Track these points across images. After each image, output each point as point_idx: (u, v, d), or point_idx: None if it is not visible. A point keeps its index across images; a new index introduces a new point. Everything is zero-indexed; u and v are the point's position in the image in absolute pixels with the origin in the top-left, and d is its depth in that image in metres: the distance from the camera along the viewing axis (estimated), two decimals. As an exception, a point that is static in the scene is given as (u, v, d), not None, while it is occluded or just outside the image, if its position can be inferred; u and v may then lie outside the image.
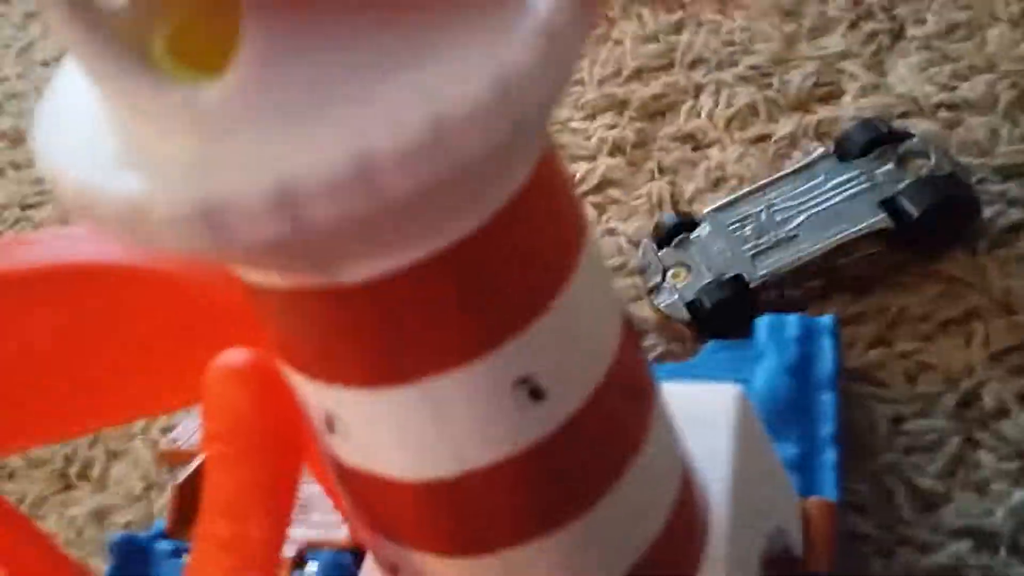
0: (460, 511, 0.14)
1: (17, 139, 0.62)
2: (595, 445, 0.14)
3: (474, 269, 0.12)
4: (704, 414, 0.20)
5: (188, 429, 0.33)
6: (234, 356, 0.14)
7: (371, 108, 0.10)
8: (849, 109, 0.41)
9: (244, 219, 0.10)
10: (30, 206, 0.56)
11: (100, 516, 0.38)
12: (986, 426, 0.30)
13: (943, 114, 0.39)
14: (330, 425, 0.13)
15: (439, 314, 0.12)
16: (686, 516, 0.17)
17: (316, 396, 0.13)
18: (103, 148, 0.11)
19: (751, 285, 0.34)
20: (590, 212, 0.41)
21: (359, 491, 0.14)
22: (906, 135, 0.35)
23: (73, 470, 0.40)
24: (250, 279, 0.12)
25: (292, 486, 0.15)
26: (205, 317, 0.18)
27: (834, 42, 0.44)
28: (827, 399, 0.30)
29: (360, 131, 0.09)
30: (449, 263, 0.11)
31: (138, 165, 0.10)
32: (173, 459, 0.33)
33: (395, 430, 0.13)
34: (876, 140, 0.35)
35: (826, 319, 0.32)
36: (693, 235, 0.36)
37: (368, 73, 0.10)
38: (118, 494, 0.39)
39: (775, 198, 0.36)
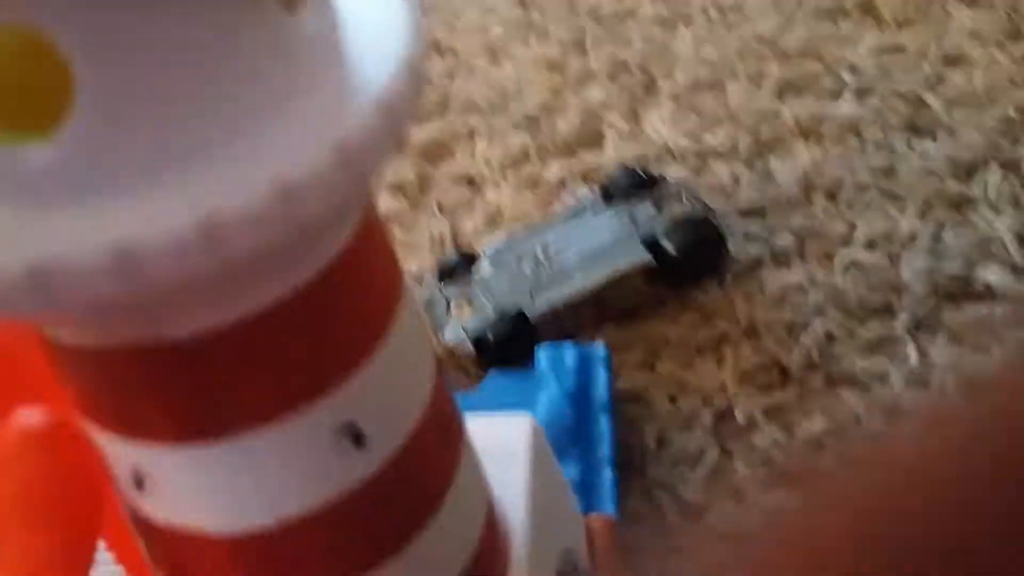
0: (277, 562, 0.13)
1: None
2: (414, 483, 0.14)
3: (299, 323, 0.12)
4: (500, 444, 0.20)
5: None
6: (28, 417, 0.14)
7: (214, 172, 0.10)
8: (610, 155, 0.44)
9: (83, 282, 0.10)
10: None
11: None
12: (740, 438, 0.33)
13: (693, 161, 0.43)
14: (138, 482, 0.13)
15: (260, 368, 0.12)
16: (491, 542, 0.17)
17: (124, 453, 0.13)
18: None
19: (531, 319, 0.36)
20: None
21: (168, 549, 0.14)
22: (662, 180, 0.39)
23: None
24: (57, 337, 0.12)
25: (87, 557, 0.15)
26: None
27: (595, 94, 0.47)
28: (603, 422, 0.32)
29: (204, 194, 0.10)
30: (274, 317, 0.12)
31: None
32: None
33: (208, 485, 0.13)
34: (637, 184, 0.39)
35: (599, 348, 0.35)
36: (474, 272, 0.38)
37: (210, 137, 0.10)
38: None
39: (549, 239, 0.38)
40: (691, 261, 0.36)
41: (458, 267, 0.38)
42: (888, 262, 0.37)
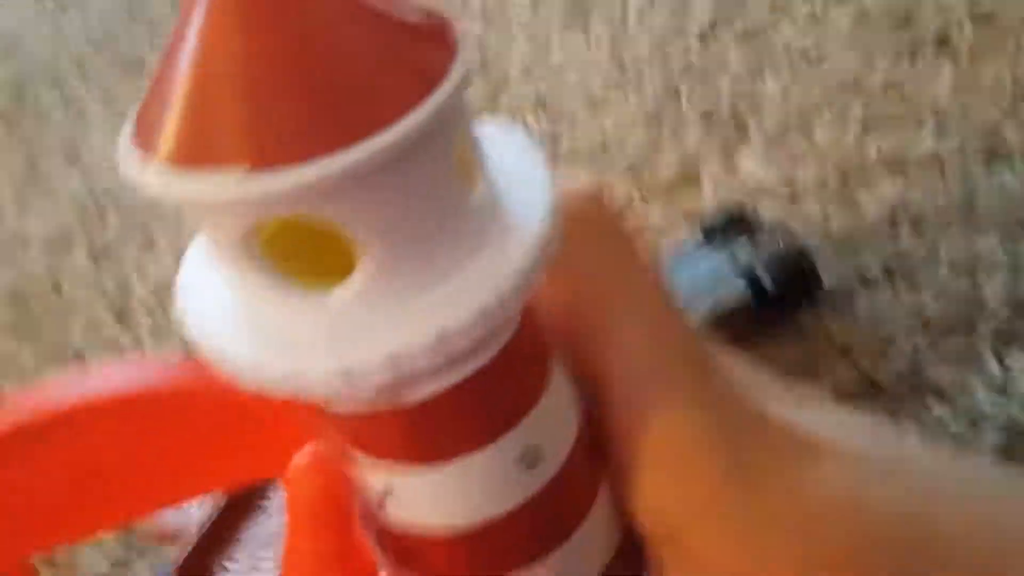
0: (480, 550, 0.18)
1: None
2: (572, 491, 0.19)
3: (490, 385, 0.16)
4: None
5: (167, 514, 0.36)
6: (305, 453, 0.19)
7: (443, 297, 0.15)
8: (709, 197, 0.48)
9: (367, 378, 0.14)
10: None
11: (73, 598, 0.41)
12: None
13: (785, 198, 0.47)
14: (386, 495, 0.18)
15: (468, 414, 0.17)
16: (630, 540, 0.21)
17: (374, 475, 0.17)
18: (258, 333, 0.15)
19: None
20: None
21: (403, 544, 0.18)
22: (757, 219, 0.43)
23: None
24: (327, 407, 0.17)
25: (356, 552, 0.19)
26: (243, 424, 0.24)
27: (691, 140, 0.52)
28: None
29: (438, 314, 0.14)
30: (476, 381, 0.16)
31: (289, 346, 0.15)
32: (165, 539, 0.36)
33: (435, 496, 0.17)
34: (734, 225, 0.43)
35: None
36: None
37: (436, 274, 0.15)
38: (89, 574, 0.43)
39: (657, 275, 0.43)
40: (786, 293, 0.40)
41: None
42: (970, 282, 0.40)
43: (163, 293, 0.54)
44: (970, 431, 0.35)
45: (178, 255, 0.13)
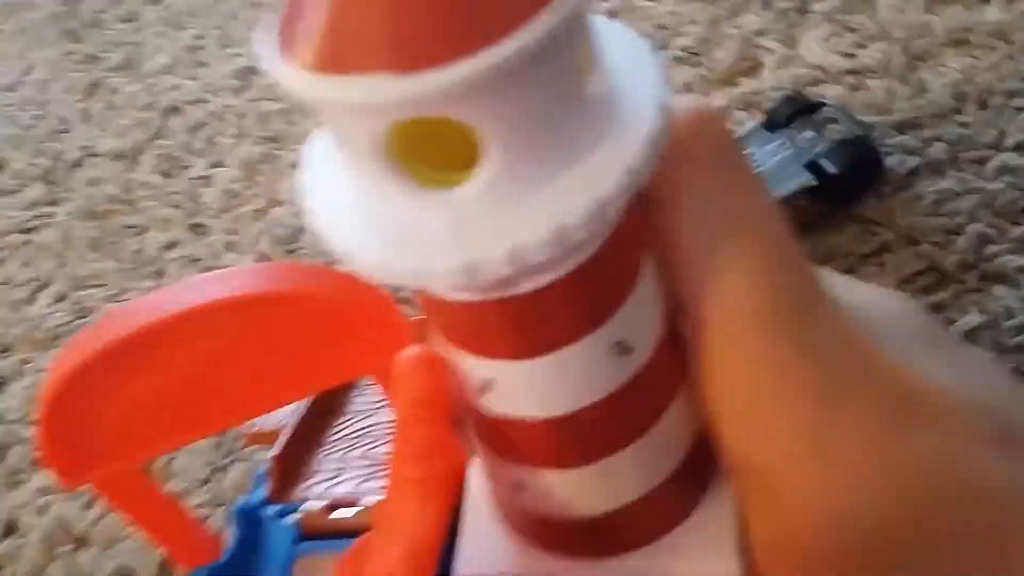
0: (573, 436, 0.19)
1: None
2: (660, 377, 0.20)
3: (592, 277, 0.17)
4: None
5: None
6: (411, 351, 0.20)
7: (561, 192, 0.15)
8: (769, 80, 0.48)
9: (491, 270, 0.15)
10: (27, 230, 0.61)
11: (176, 500, 0.44)
12: (903, 337, 0.38)
13: (848, 80, 0.46)
14: (485, 387, 0.19)
15: (569, 307, 0.17)
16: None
17: (476, 367, 0.19)
18: (385, 230, 0.16)
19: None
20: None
21: (501, 432, 0.20)
22: (820, 104, 0.43)
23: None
24: (438, 296, 0.18)
25: (456, 438, 0.21)
26: (344, 325, 0.25)
27: (751, 21, 0.51)
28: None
29: (556, 209, 0.15)
30: (578, 275, 0.17)
31: (415, 243, 0.16)
32: (261, 439, 0.39)
33: (533, 386, 0.18)
34: (796, 111, 0.43)
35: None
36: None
37: (554, 169, 0.15)
38: (186, 480, 0.46)
39: (719, 167, 0.43)
40: (850, 179, 0.40)
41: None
42: (1039, 164, 0.40)
43: (231, 202, 0.56)
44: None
45: (241, 163, 0.14)
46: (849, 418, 0.18)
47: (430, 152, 0.16)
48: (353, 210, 0.17)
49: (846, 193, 0.41)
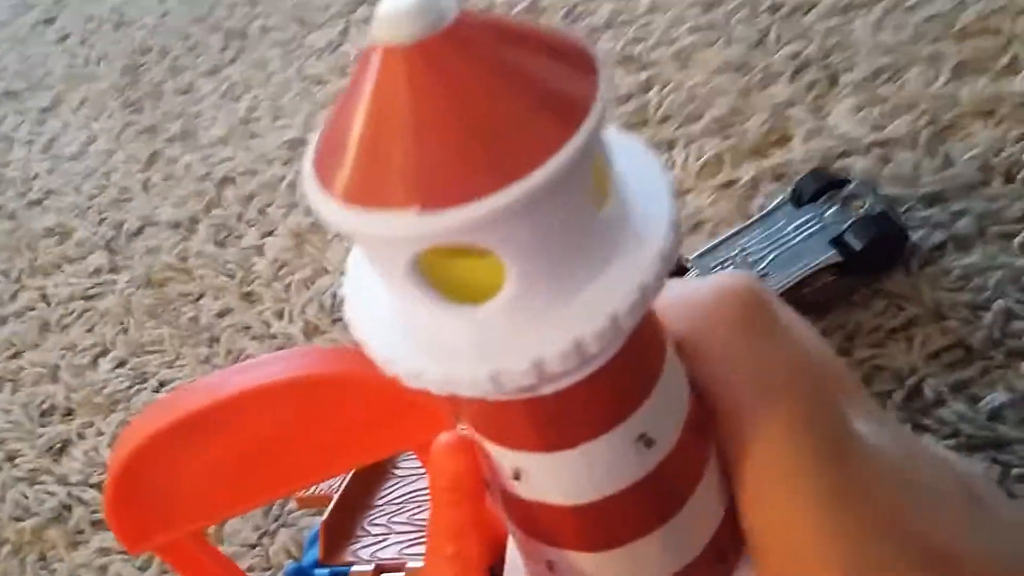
0: (599, 522, 0.20)
1: (64, 235, 0.69)
2: (683, 466, 0.21)
3: (611, 379, 0.18)
4: None
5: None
6: (445, 436, 0.22)
7: (579, 307, 0.16)
8: (798, 152, 0.49)
9: (514, 380, 0.16)
10: (90, 297, 0.64)
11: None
12: (928, 413, 0.38)
13: (876, 152, 0.47)
14: (516, 476, 0.20)
15: (592, 405, 0.19)
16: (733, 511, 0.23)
17: (505, 457, 0.20)
18: (417, 341, 0.17)
19: (735, 318, 0.42)
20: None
21: (531, 516, 0.21)
22: (845, 181, 0.44)
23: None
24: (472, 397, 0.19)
25: (490, 520, 0.22)
26: (389, 405, 0.27)
27: (781, 92, 0.52)
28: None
29: (574, 323, 0.16)
30: (598, 378, 0.18)
31: (444, 353, 0.17)
32: (311, 503, 0.41)
33: (560, 477, 0.20)
34: (822, 187, 0.43)
35: (798, 338, 0.40)
36: (684, 279, 0.44)
37: (571, 286, 0.17)
38: (236, 544, 0.48)
39: (747, 243, 0.44)
40: (874, 255, 0.41)
41: (670, 275, 0.44)
42: (1065, 239, 0.40)
43: (281, 271, 0.58)
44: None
45: (291, 232, 0.16)
46: (875, 569, 0.19)
47: (457, 265, 0.17)
48: (388, 321, 0.18)
49: (871, 269, 0.42)
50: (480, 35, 0.15)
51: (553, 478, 0.20)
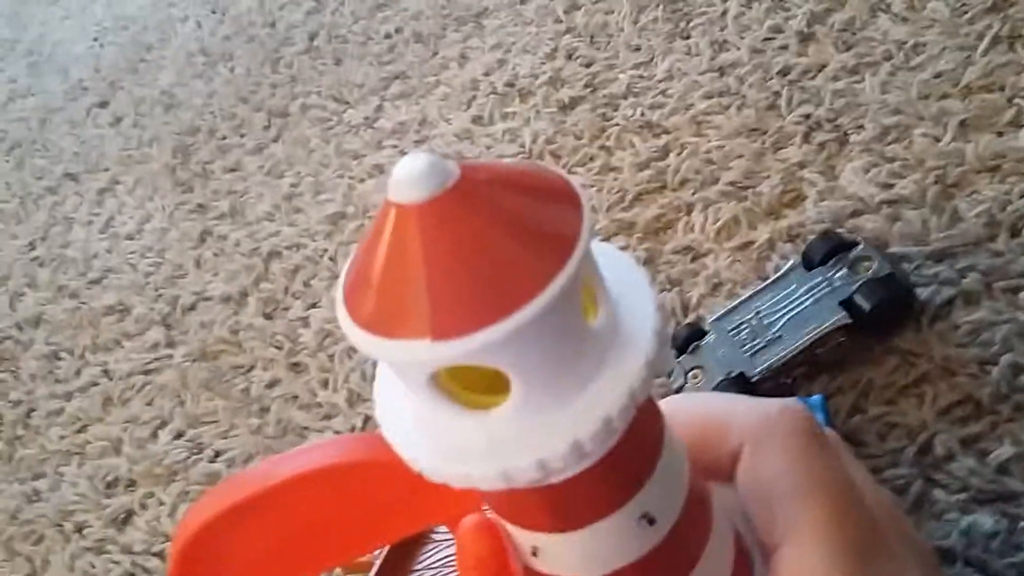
0: None
1: (123, 311, 0.72)
2: (687, 540, 0.23)
3: (614, 465, 0.21)
4: None
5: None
6: (472, 517, 0.24)
7: (575, 411, 0.19)
8: (811, 213, 0.51)
9: (522, 476, 0.19)
10: (149, 371, 0.68)
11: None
12: (939, 468, 0.39)
13: (886, 210, 0.48)
14: (534, 552, 0.23)
15: (594, 492, 0.21)
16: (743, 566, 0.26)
17: (525, 537, 0.23)
18: (436, 442, 0.20)
19: (753, 379, 0.44)
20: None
21: None
22: (854, 243, 0.45)
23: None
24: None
25: None
26: (423, 486, 0.29)
27: (793, 154, 0.54)
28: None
29: (572, 426, 0.19)
30: (603, 463, 0.20)
31: (460, 453, 0.19)
32: (356, 568, 0.43)
33: (572, 553, 0.22)
34: (832, 250, 0.45)
35: (816, 398, 0.42)
36: (703, 342, 0.46)
37: (568, 394, 0.19)
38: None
39: (761, 306, 0.46)
40: (882, 315, 0.43)
41: (690, 340, 0.46)
42: (1068, 293, 0.41)
43: (325, 341, 0.61)
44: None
45: (334, 304, 0.19)
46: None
47: (470, 369, 0.19)
48: (411, 424, 0.21)
49: (880, 328, 0.43)
50: (479, 188, 0.18)
51: (567, 555, 0.22)
